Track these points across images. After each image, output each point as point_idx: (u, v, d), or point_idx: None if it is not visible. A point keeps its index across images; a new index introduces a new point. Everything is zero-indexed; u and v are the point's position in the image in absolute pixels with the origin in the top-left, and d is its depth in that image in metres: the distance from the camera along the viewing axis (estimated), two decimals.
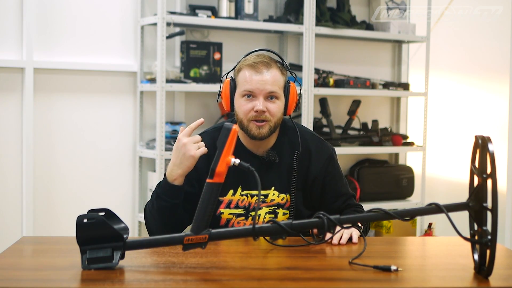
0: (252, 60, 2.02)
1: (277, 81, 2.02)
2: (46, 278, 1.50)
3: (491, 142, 1.50)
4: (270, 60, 2.04)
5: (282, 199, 2.07)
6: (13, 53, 3.52)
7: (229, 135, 1.57)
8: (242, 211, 2.06)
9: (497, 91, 4.53)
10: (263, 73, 2.00)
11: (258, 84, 1.99)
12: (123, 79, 3.80)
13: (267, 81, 1.99)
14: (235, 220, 2.06)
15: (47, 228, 3.59)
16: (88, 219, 1.55)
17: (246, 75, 2.01)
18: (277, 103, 2.02)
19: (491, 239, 1.47)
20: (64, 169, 3.66)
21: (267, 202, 2.07)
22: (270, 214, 2.07)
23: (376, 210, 1.62)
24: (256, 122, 2.00)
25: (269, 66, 2.01)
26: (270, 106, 2.01)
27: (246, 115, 2.00)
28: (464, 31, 4.76)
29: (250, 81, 2.00)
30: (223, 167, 1.56)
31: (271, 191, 2.07)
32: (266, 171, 2.06)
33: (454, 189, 4.67)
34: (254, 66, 2.00)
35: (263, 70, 2.00)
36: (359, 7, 4.48)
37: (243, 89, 2.01)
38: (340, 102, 4.40)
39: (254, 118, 2.00)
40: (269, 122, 2.01)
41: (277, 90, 2.01)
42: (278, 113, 2.03)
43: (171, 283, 1.45)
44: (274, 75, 2.01)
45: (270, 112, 2.00)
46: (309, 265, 1.64)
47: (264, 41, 4.16)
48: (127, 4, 3.77)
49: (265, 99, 2.00)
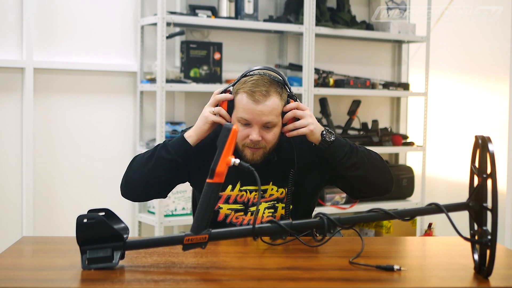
0: (251, 87, 1.96)
1: (275, 110, 1.97)
2: (46, 278, 1.50)
3: (491, 142, 1.50)
4: (270, 85, 1.97)
5: (281, 194, 2.07)
6: (13, 53, 3.52)
7: (229, 135, 1.57)
8: (241, 206, 2.06)
9: (497, 91, 4.53)
10: (260, 104, 1.94)
11: (254, 115, 1.95)
12: (123, 79, 3.80)
13: (263, 112, 1.95)
14: (234, 216, 2.05)
15: (47, 228, 3.59)
16: (88, 219, 1.55)
17: (243, 102, 1.96)
18: (273, 130, 1.99)
19: (491, 239, 1.47)
20: (64, 169, 3.66)
21: (266, 198, 2.07)
22: (269, 209, 2.07)
23: (376, 210, 1.62)
24: (250, 149, 1.99)
25: (267, 95, 1.95)
26: (266, 135, 1.98)
27: (241, 141, 1.99)
28: (464, 31, 4.76)
29: (247, 110, 1.95)
30: (223, 167, 1.56)
31: (269, 186, 2.07)
32: (264, 167, 2.05)
33: (454, 189, 4.67)
34: (252, 94, 1.95)
35: (260, 100, 1.95)
36: (359, 7, 4.48)
37: (239, 116, 1.98)
38: (340, 102, 4.40)
39: (248, 145, 1.99)
40: (263, 148, 2.00)
41: (274, 119, 1.98)
42: (273, 140, 2.01)
43: (171, 283, 1.45)
44: (272, 104, 1.96)
45: (265, 140, 1.99)
46: (309, 265, 1.64)
47: (264, 41, 4.16)
48: (127, 4, 3.77)
49: (260, 128, 1.98)
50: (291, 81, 4.01)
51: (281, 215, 2.06)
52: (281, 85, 2.00)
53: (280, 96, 1.98)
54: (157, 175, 2.02)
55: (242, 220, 2.05)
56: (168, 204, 3.65)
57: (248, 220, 2.04)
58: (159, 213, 3.59)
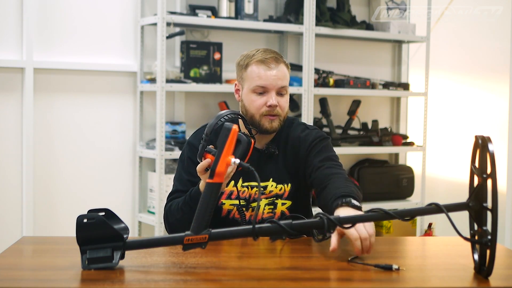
0: (262, 56, 2.05)
1: (286, 76, 2.08)
2: (46, 278, 1.50)
3: (491, 142, 1.50)
4: (277, 54, 2.09)
5: (280, 190, 2.09)
6: (13, 53, 3.52)
7: (229, 135, 1.57)
8: (242, 202, 2.08)
9: (497, 91, 4.53)
10: (274, 69, 2.05)
11: (270, 80, 2.03)
12: (123, 79, 3.80)
13: (278, 76, 2.04)
14: (236, 211, 2.08)
15: (47, 228, 3.60)
16: (88, 219, 1.55)
17: (258, 71, 2.04)
18: (286, 97, 2.09)
19: (491, 239, 1.47)
20: (64, 169, 3.66)
21: (266, 194, 2.09)
22: (269, 205, 2.08)
23: (376, 210, 1.62)
24: (269, 117, 2.05)
25: (278, 61, 2.07)
26: (281, 100, 2.06)
27: (259, 110, 2.05)
28: (464, 31, 4.76)
29: (263, 76, 2.04)
30: (223, 167, 1.56)
31: (269, 182, 2.09)
32: (264, 163, 2.09)
33: (454, 189, 4.67)
34: (264, 61, 2.04)
35: (273, 66, 2.05)
36: (359, 7, 4.48)
37: (255, 85, 2.04)
38: (340, 102, 4.40)
39: (267, 113, 2.04)
40: (279, 116, 2.06)
41: (286, 84, 2.08)
42: (287, 107, 2.10)
43: (171, 283, 1.45)
44: (284, 70, 2.07)
45: (280, 106, 2.06)
46: (309, 265, 1.64)
47: (264, 41, 4.16)
48: (127, 4, 3.77)
49: (277, 93, 2.05)
50: (291, 81, 4.01)
51: (281, 211, 2.08)
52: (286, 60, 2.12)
53: (286, 65, 2.10)
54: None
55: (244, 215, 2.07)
56: None
57: (249, 215, 2.06)
58: (159, 213, 3.59)
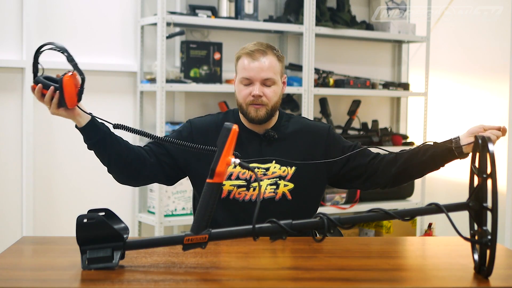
0: (249, 48, 2.15)
1: (273, 67, 2.13)
2: (46, 278, 1.50)
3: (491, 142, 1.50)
4: (267, 47, 2.15)
5: (284, 172, 2.14)
6: (13, 53, 3.52)
7: (229, 135, 1.57)
8: (243, 182, 2.12)
9: (497, 91, 4.53)
10: (259, 60, 2.12)
11: (254, 71, 2.12)
12: (123, 79, 3.80)
13: (262, 68, 2.12)
14: (236, 191, 2.11)
15: (47, 228, 3.60)
16: (88, 219, 1.55)
17: (244, 62, 2.15)
18: (273, 88, 2.14)
19: (491, 239, 1.47)
20: (64, 169, 3.66)
21: (268, 175, 2.13)
22: (271, 185, 2.12)
23: (376, 210, 1.62)
24: (254, 105, 2.12)
25: (265, 53, 2.13)
26: (266, 90, 2.13)
27: (245, 99, 2.14)
28: (464, 31, 4.76)
29: (247, 68, 2.13)
30: (223, 167, 1.56)
31: (272, 164, 2.15)
32: (266, 146, 2.17)
33: (454, 189, 4.67)
34: (251, 54, 2.13)
35: (259, 58, 2.13)
36: (359, 7, 4.48)
37: (241, 76, 2.15)
38: (340, 102, 4.40)
39: (251, 102, 2.12)
40: (266, 105, 2.13)
41: (272, 76, 2.13)
42: (274, 97, 2.14)
43: (171, 283, 1.45)
44: (270, 62, 2.13)
45: (266, 96, 2.13)
46: (309, 265, 1.64)
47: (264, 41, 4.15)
48: (127, 4, 3.77)
49: (261, 84, 2.12)
50: (291, 81, 4.01)
51: (282, 193, 2.11)
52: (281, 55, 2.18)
53: (277, 57, 2.16)
54: (110, 158, 2.10)
55: (244, 195, 2.12)
56: (168, 204, 3.65)
57: (250, 195, 2.11)
58: (159, 213, 3.59)
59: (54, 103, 1.87)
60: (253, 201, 2.10)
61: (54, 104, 1.87)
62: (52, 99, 1.87)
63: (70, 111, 1.92)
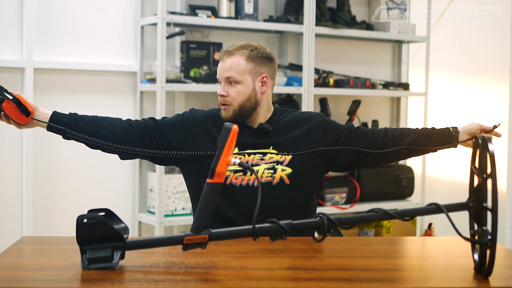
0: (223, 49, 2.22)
1: (235, 67, 2.15)
2: (46, 278, 1.50)
3: (491, 142, 1.50)
4: (236, 48, 2.18)
5: (281, 157, 2.16)
6: (13, 53, 3.52)
7: (229, 135, 1.57)
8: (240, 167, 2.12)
9: (497, 91, 4.53)
10: (224, 61, 2.18)
11: (220, 71, 2.18)
12: (123, 79, 3.80)
13: (225, 68, 2.16)
14: (233, 176, 2.13)
15: (47, 228, 3.59)
16: (88, 219, 1.54)
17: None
18: (236, 87, 2.16)
19: (491, 239, 1.47)
20: (64, 169, 3.66)
21: (266, 160, 2.15)
22: (269, 169, 2.13)
23: (376, 210, 1.62)
24: (222, 106, 2.19)
25: (231, 53, 2.17)
26: (230, 90, 2.16)
27: (218, 100, 2.20)
28: (464, 31, 4.76)
29: (218, 69, 2.20)
30: (223, 167, 1.56)
31: (269, 149, 2.16)
32: (263, 137, 2.19)
33: (454, 189, 4.67)
34: (220, 55, 2.19)
35: (224, 58, 2.17)
36: (359, 7, 4.48)
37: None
38: (340, 102, 4.40)
39: (220, 102, 2.19)
40: (231, 105, 2.16)
41: (234, 75, 2.16)
42: (238, 97, 2.16)
43: (171, 283, 1.45)
44: (233, 61, 2.15)
45: (230, 96, 2.16)
46: (309, 265, 1.64)
47: (264, 41, 4.16)
48: (127, 4, 3.77)
49: (226, 84, 2.17)
50: (291, 81, 4.01)
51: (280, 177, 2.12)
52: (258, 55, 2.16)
53: (246, 57, 2.16)
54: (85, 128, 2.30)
55: (241, 180, 2.12)
56: (168, 204, 3.65)
57: (247, 180, 2.12)
58: (159, 213, 3.59)
59: (13, 124, 2.08)
60: (250, 186, 2.11)
61: (14, 124, 2.09)
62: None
63: (30, 124, 2.12)
